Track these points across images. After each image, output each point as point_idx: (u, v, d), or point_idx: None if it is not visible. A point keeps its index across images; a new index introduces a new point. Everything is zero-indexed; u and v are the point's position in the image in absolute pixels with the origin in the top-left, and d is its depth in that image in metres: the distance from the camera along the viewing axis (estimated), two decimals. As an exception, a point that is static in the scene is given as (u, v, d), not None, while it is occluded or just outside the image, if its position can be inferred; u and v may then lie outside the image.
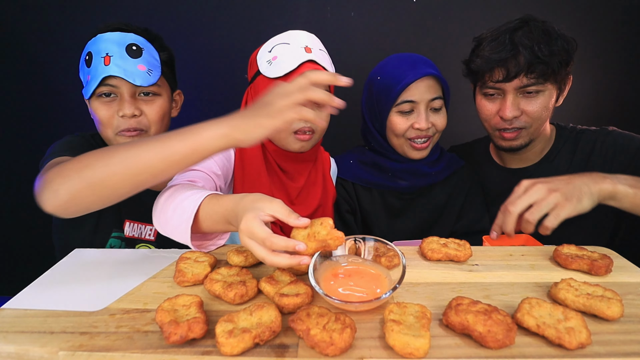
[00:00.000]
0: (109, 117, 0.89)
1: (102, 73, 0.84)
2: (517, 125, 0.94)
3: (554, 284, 0.54)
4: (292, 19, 1.43)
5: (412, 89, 0.93)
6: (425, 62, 0.97)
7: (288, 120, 0.57)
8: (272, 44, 0.88)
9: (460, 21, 1.43)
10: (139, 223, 0.98)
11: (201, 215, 0.63)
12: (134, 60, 0.87)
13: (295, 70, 0.83)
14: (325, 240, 0.51)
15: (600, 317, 0.48)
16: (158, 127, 0.94)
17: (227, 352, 0.42)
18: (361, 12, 1.44)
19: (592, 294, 0.51)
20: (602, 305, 0.48)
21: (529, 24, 0.89)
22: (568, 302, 0.51)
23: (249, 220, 0.52)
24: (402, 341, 0.42)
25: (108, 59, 0.85)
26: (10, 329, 0.48)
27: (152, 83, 0.88)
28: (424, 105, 0.94)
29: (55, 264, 0.67)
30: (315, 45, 0.87)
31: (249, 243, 0.52)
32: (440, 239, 0.70)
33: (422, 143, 0.97)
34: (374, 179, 1.04)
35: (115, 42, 0.86)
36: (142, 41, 0.90)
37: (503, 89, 0.92)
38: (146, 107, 0.91)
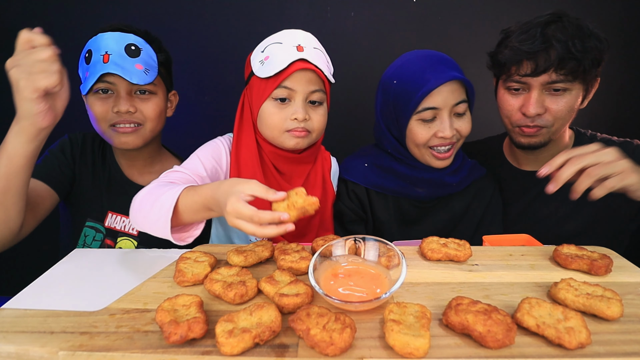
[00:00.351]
0: (103, 112, 0.92)
1: (101, 70, 0.86)
2: (539, 123, 0.90)
3: (554, 284, 0.54)
4: (292, 19, 1.43)
5: (435, 95, 0.85)
6: (446, 63, 0.89)
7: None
8: (266, 44, 0.88)
9: (461, 21, 1.44)
10: (122, 216, 1.01)
11: (180, 207, 0.67)
12: (132, 59, 0.89)
13: (286, 70, 0.82)
14: (303, 207, 0.58)
15: (600, 317, 0.48)
16: (154, 124, 0.97)
17: (227, 352, 0.42)
18: (361, 12, 1.44)
19: (592, 294, 0.51)
20: (601, 305, 0.48)
21: (562, 19, 0.85)
22: (568, 302, 0.51)
23: (234, 203, 0.57)
24: (402, 341, 0.42)
25: (107, 57, 0.87)
26: (10, 329, 0.48)
27: (148, 82, 0.91)
28: (447, 112, 0.86)
29: (55, 264, 0.67)
30: (309, 44, 0.85)
31: (238, 222, 0.58)
32: (440, 239, 0.70)
33: (445, 152, 0.90)
34: (391, 185, 0.97)
35: (115, 41, 0.89)
36: (140, 42, 0.92)
37: (529, 83, 0.88)
38: (142, 105, 0.94)
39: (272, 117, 0.86)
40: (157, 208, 0.67)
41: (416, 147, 0.92)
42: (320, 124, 0.89)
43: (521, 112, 0.91)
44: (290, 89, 0.84)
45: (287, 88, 0.84)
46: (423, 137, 0.89)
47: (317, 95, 0.86)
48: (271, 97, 0.85)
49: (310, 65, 0.83)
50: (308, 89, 0.84)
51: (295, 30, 0.88)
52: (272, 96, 0.85)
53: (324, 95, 0.88)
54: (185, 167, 0.85)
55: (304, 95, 0.85)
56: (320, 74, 0.85)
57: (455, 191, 0.98)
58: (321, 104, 0.89)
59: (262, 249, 0.66)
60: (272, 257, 0.67)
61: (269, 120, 0.86)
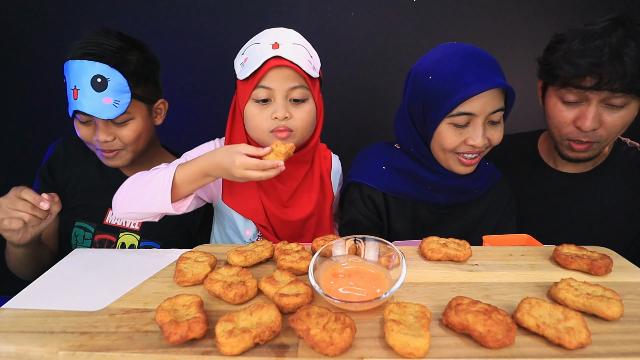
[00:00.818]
0: (86, 137, 0.95)
1: (73, 106, 0.89)
2: (592, 138, 0.85)
3: (554, 284, 0.54)
4: (292, 19, 1.43)
5: (474, 100, 0.77)
6: (490, 64, 0.80)
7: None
8: (246, 47, 0.87)
9: (461, 21, 1.43)
10: None
11: (178, 180, 0.77)
12: (98, 94, 0.88)
13: (261, 69, 0.81)
14: (286, 152, 0.77)
15: (600, 317, 0.48)
16: (134, 146, 0.97)
17: (227, 352, 0.42)
18: (361, 12, 1.44)
19: (592, 294, 0.51)
20: (601, 305, 0.48)
21: (626, 26, 0.79)
22: (568, 302, 0.51)
23: (240, 158, 0.74)
24: (402, 341, 0.42)
25: (76, 93, 0.88)
26: (10, 329, 0.48)
27: (119, 114, 0.90)
28: (482, 119, 0.80)
29: (55, 264, 0.67)
30: (286, 40, 0.83)
31: (247, 173, 0.74)
32: (440, 238, 0.70)
33: (472, 159, 0.85)
34: (410, 190, 0.91)
35: (80, 74, 0.87)
36: (107, 70, 0.88)
37: (588, 97, 0.82)
38: (119, 131, 0.94)
39: (255, 118, 0.85)
40: (152, 188, 0.77)
41: (441, 151, 0.86)
42: (305, 122, 0.86)
43: (575, 125, 0.86)
44: (268, 88, 0.82)
45: (265, 87, 0.82)
46: (452, 143, 0.82)
47: (298, 92, 0.84)
48: (252, 99, 0.85)
49: (286, 61, 0.80)
50: (286, 86, 0.83)
51: (275, 29, 0.86)
52: (252, 97, 0.84)
53: (307, 92, 0.86)
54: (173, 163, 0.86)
55: (284, 93, 0.83)
56: (298, 69, 0.82)
57: (475, 197, 0.93)
58: (305, 101, 0.86)
59: (262, 249, 0.66)
60: (272, 257, 0.67)
61: (253, 122, 0.86)
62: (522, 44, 1.43)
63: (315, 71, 0.87)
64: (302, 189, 0.97)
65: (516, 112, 1.38)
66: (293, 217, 0.95)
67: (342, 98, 1.49)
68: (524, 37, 1.43)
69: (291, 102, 0.85)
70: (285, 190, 0.95)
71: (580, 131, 0.86)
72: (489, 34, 1.44)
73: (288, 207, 0.96)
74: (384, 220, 0.93)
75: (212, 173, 0.78)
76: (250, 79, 0.83)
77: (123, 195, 0.80)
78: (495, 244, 0.75)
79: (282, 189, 0.95)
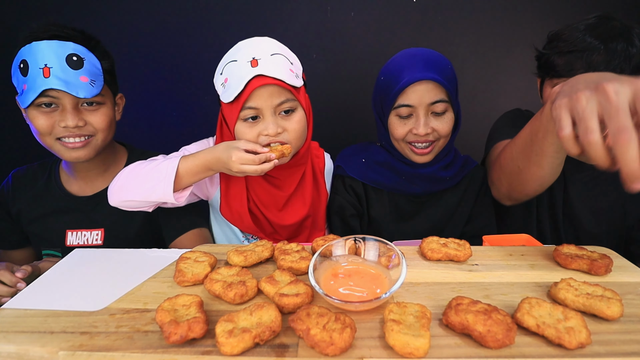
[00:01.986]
0: (48, 127, 0.87)
1: (42, 85, 0.81)
2: None
3: (554, 284, 0.54)
4: (292, 19, 1.43)
5: (409, 93, 0.88)
6: (428, 63, 0.89)
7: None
8: (223, 64, 0.86)
9: (461, 21, 1.44)
10: (81, 230, 0.98)
11: (181, 171, 0.81)
12: (75, 71, 0.84)
13: (244, 91, 0.80)
14: (281, 150, 0.83)
15: (600, 317, 0.48)
16: (106, 134, 0.93)
17: (227, 352, 0.42)
18: (361, 12, 1.44)
19: (592, 294, 0.51)
20: (601, 305, 0.48)
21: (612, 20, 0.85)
22: (568, 302, 0.51)
23: (237, 154, 0.78)
24: (402, 341, 0.42)
25: (47, 71, 0.81)
26: (10, 329, 0.48)
27: (95, 94, 0.86)
28: (423, 110, 0.89)
29: (55, 264, 0.67)
30: (264, 53, 0.82)
31: (243, 167, 0.78)
32: (440, 238, 0.70)
33: (424, 148, 0.93)
34: (388, 181, 0.99)
35: (53, 52, 0.82)
36: (82, 50, 0.86)
37: None
38: (91, 117, 0.89)
39: (246, 136, 0.85)
40: (154, 177, 0.80)
41: (396, 141, 0.96)
42: (297, 132, 0.87)
43: None
44: (255, 108, 0.82)
45: (252, 108, 0.82)
46: (399, 133, 0.92)
47: (286, 105, 0.84)
48: (241, 119, 0.84)
49: (268, 79, 0.80)
50: (273, 102, 0.82)
51: (249, 41, 0.84)
52: (240, 118, 0.84)
53: (295, 102, 0.86)
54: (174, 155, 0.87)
55: (271, 110, 0.83)
56: (282, 84, 0.81)
57: (449, 186, 1.00)
58: (294, 111, 0.86)
59: (262, 249, 0.66)
60: (272, 257, 0.67)
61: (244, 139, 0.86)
62: (522, 44, 1.43)
63: (299, 78, 0.86)
64: (296, 193, 0.97)
65: (516, 112, 1.37)
66: (289, 220, 0.95)
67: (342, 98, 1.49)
68: (523, 37, 1.43)
69: (280, 115, 0.85)
70: (281, 195, 0.95)
71: None
72: (489, 34, 1.44)
73: (283, 211, 0.96)
74: (364, 207, 1.02)
75: (213, 167, 0.82)
76: (235, 101, 0.83)
77: (122, 182, 0.81)
78: (495, 244, 0.75)
79: (278, 195, 0.95)
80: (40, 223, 0.99)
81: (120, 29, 1.42)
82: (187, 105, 1.52)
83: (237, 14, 1.43)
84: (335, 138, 1.21)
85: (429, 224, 1.01)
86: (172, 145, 1.17)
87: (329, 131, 1.25)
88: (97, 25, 1.41)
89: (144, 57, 1.46)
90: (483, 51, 1.46)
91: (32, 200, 0.99)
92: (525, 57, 1.43)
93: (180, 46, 1.45)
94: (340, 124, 1.47)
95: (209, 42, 1.45)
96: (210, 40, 1.45)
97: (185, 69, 1.48)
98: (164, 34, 1.44)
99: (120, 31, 1.42)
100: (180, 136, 1.51)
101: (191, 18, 1.43)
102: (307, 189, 0.98)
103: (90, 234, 0.97)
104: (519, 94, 1.49)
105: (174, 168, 0.80)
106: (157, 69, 1.46)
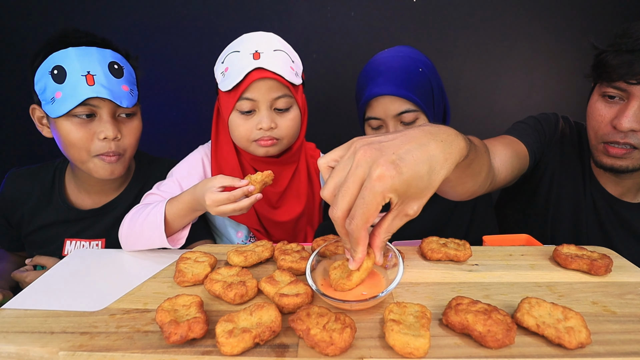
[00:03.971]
0: (86, 140, 0.82)
1: (86, 94, 0.78)
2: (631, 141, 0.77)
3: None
4: (292, 19, 1.43)
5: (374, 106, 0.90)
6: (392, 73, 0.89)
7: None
8: (225, 54, 0.86)
9: (461, 21, 1.44)
10: (81, 240, 0.95)
11: (169, 217, 0.75)
12: (117, 80, 0.82)
13: (244, 81, 0.80)
14: (262, 180, 0.72)
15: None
16: (133, 150, 0.90)
17: (227, 352, 0.42)
18: (361, 12, 1.44)
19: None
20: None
21: None
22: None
23: (210, 197, 0.69)
24: (402, 341, 0.42)
25: (91, 78, 0.78)
26: (10, 329, 0.48)
27: (134, 103, 0.85)
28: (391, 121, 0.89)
29: (55, 264, 0.67)
30: (267, 48, 0.82)
31: (219, 209, 0.70)
32: (440, 238, 0.70)
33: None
34: None
35: (95, 59, 0.80)
36: (121, 59, 0.85)
37: (629, 91, 0.75)
38: (125, 129, 0.87)
39: (239, 128, 0.85)
40: (148, 227, 0.74)
41: None
42: (290, 130, 0.87)
43: (612, 124, 0.78)
44: (252, 99, 0.82)
45: (249, 99, 0.82)
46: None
47: (282, 101, 0.84)
48: (236, 110, 0.84)
49: (268, 73, 0.80)
50: (270, 97, 0.82)
51: (254, 34, 0.85)
52: (236, 108, 0.84)
53: (291, 100, 0.86)
54: (162, 189, 0.86)
55: (267, 104, 0.83)
56: (281, 79, 0.81)
57: None
58: (289, 109, 0.87)
59: (262, 249, 0.66)
60: (272, 257, 0.67)
61: (237, 132, 0.86)
62: (522, 44, 1.43)
63: (298, 77, 0.87)
64: (290, 190, 0.97)
65: (516, 112, 1.38)
66: (283, 217, 0.95)
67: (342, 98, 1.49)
68: (524, 37, 1.43)
69: (275, 110, 0.85)
70: (273, 192, 0.95)
71: (617, 131, 0.77)
72: (489, 34, 1.44)
73: (277, 208, 0.96)
74: None
75: (197, 208, 0.75)
76: (233, 90, 0.83)
77: (126, 233, 0.77)
78: (495, 244, 0.75)
79: (270, 191, 0.95)
80: (40, 233, 0.96)
81: (119, 29, 1.42)
82: (187, 105, 1.52)
83: (237, 14, 1.43)
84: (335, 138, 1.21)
85: (430, 221, 0.99)
86: (172, 146, 1.17)
87: (328, 131, 1.25)
88: (96, 25, 1.41)
89: (144, 57, 1.46)
90: (483, 51, 1.46)
91: (32, 211, 0.95)
92: (526, 57, 1.43)
93: (180, 46, 1.45)
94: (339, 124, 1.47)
95: (208, 42, 1.45)
96: (209, 40, 1.45)
97: (185, 69, 1.48)
98: (163, 34, 1.44)
99: (119, 31, 1.42)
100: (180, 136, 1.51)
101: (191, 18, 1.43)
102: (302, 186, 0.97)
103: (90, 244, 0.95)
104: (519, 94, 1.48)
105: (162, 216, 0.74)
106: (157, 69, 1.46)
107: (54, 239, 0.95)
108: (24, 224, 0.96)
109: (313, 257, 0.56)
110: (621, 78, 0.74)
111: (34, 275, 0.88)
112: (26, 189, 0.96)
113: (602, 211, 0.91)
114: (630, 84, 0.74)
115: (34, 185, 0.96)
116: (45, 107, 0.82)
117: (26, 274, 0.91)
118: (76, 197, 0.97)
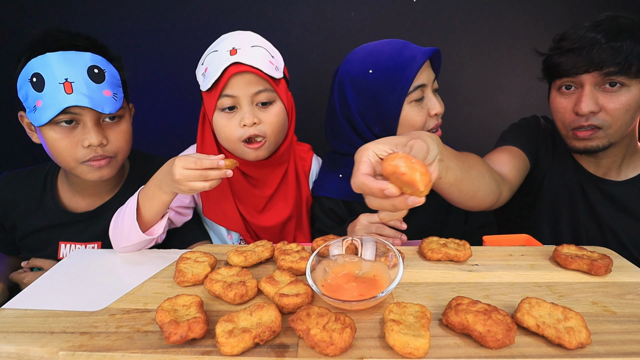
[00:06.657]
0: (71, 148, 0.80)
1: (65, 103, 0.75)
2: (594, 122, 0.85)
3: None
4: (292, 19, 1.43)
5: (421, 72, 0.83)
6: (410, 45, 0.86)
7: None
8: (205, 55, 0.85)
9: (461, 21, 1.43)
10: (76, 243, 0.93)
11: (141, 204, 0.73)
12: (97, 85, 0.78)
13: (222, 77, 0.80)
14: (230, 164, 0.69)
15: None
16: (125, 153, 0.88)
17: (227, 352, 0.42)
18: (361, 12, 1.44)
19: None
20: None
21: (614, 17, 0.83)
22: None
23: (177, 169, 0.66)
24: (402, 341, 0.42)
25: (69, 86, 0.75)
26: (10, 329, 0.48)
27: (119, 108, 0.82)
28: (430, 88, 0.86)
29: (56, 264, 0.67)
30: (245, 44, 0.81)
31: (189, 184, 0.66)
32: (440, 239, 0.70)
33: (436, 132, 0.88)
34: None
35: (73, 64, 0.76)
36: (102, 62, 0.80)
37: (580, 81, 0.84)
38: (112, 134, 0.84)
39: (224, 128, 0.84)
40: (127, 217, 0.72)
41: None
42: (274, 125, 0.85)
43: (574, 112, 0.87)
44: (232, 95, 0.81)
45: (229, 96, 0.81)
46: (421, 119, 0.85)
47: (263, 95, 0.83)
48: (218, 109, 0.83)
49: (245, 66, 0.79)
50: (250, 91, 0.81)
51: (233, 33, 0.84)
52: (218, 107, 0.83)
53: (273, 94, 0.84)
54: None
55: (248, 99, 0.82)
56: (260, 73, 0.80)
57: None
58: (272, 103, 0.85)
59: (262, 249, 0.66)
60: (272, 257, 0.67)
61: (222, 132, 0.85)
62: (522, 44, 1.43)
63: (279, 71, 0.85)
64: (278, 194, 0.95)
65: (516, 112, 1.38)
66: (268, 222, 0.94)
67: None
68: (524, 37, 1.42)
69: (258, 106, 0.84)
70: (261, 196, 0.93)
71: (579, 116, 0.86)
72: (489, 34, 1.44)
73: (263, 213, 0.95)
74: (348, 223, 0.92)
75: (164, 187, 0.71)
76: (213, 89, 0.82)
77: (112, 234, 0.76)
78: (495, 244, 0.75)
79: (258, 195, 0.93)
80: (34, 237, 0.93)
81: (118, 29, 1.42)
82: (186, 105, 1.52)
83: (237, 14, 1.43)
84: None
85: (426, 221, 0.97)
86: (172, 146, 1.17)
87: (323, 131, 1.24)
88: (94, 25, 1.41)
89: (143, 57, 1.46)
90: (483, 51, 1.45)
91: (23, 215, 0.93)
92: (526, 57, 1.43)
93: (179, 46, 1.45)
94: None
95: (207, 42, 1.45)
96: (208, 40, 1.44)
97: (184, 69, 1.47)
98: (162, 34, 1.44)
99: (118, 31, 1.42)
100: (180, 136, 1.51)
101: (190, 18, 1.43)
102: (290, 190, 0.95)
103: (85, 248, 0.92)
104: (519, 94, 1.48)
105: (134, 202, 0.73)
106: (156, 69, 1.46)
107: (49, 243, 0.93)
108: (17, 228, 0.94)
109: (313, 257, 0.56)
110: (569, 72, 0.85)
111: (32, 276, 0.88)
112: (16, 193, 0.94)
113: (590, 194, 0.96)
114: (579, 75, 0.84)
115: (24, 189, 0.94)
116: (29, 115, 0.81)
117: (24, 275, 0.90)
118: (70, 199, 0.95)
